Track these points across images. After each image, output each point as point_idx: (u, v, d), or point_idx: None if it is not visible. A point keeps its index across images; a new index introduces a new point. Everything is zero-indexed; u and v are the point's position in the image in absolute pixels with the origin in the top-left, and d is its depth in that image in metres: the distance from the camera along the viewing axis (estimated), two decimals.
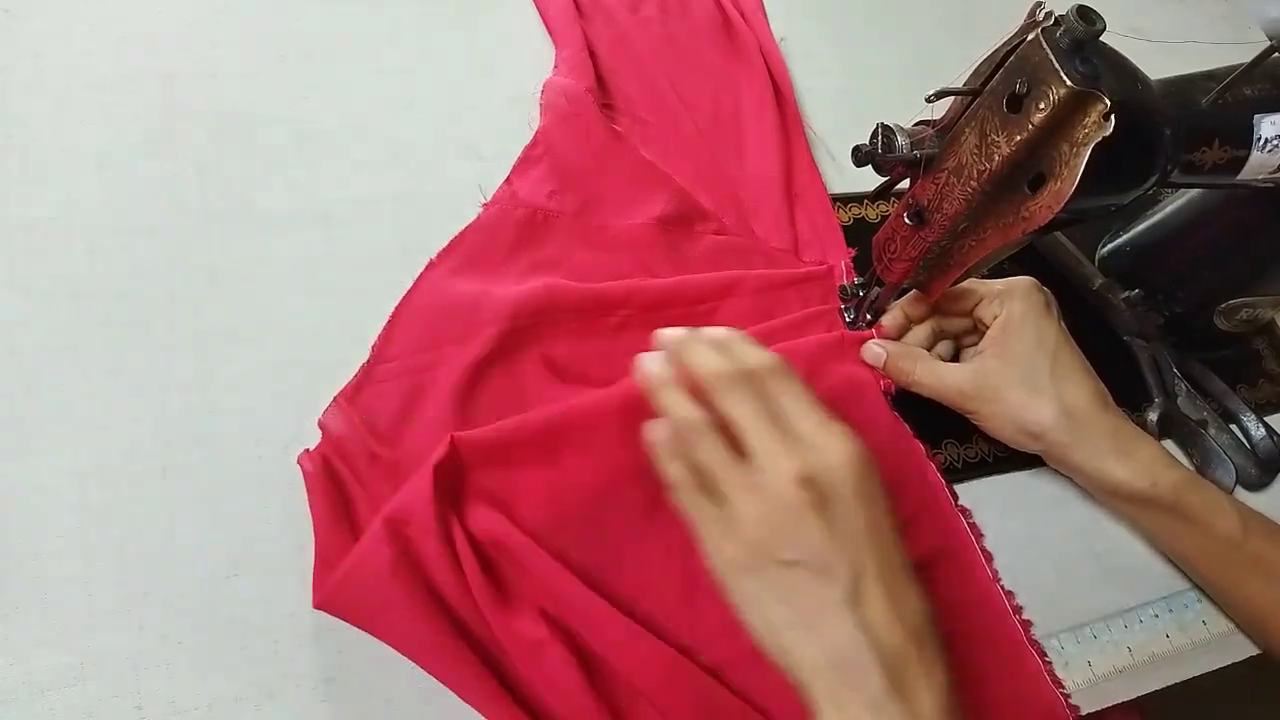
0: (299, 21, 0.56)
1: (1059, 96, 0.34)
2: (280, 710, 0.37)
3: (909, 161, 0.41)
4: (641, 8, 0.64)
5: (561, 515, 0.41)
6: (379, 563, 0.37)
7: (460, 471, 0.40)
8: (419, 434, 0.42)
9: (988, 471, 0.50)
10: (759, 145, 0.59)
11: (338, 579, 0.37)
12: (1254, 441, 0.55)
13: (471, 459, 0.40)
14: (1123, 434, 0.46)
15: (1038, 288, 0.48)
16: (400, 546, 0.37)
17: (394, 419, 0.43)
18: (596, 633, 0.38)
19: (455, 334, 0.45)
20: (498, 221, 0.50)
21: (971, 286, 0.49)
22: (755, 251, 0.54)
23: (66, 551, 0.38)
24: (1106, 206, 0.41)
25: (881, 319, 0.50)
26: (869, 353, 0.49)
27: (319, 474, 0.40)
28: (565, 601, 0.39)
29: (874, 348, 0.49)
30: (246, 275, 0.46)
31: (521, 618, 0.38)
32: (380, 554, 0.37)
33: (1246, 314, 0.55)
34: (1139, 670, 0.46)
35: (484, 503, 0.40)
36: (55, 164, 0.47)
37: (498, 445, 0.41)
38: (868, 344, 0.49)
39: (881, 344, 0.49)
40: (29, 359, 0.41)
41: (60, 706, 0.35)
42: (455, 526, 0.38)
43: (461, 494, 0.40)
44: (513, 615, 0.38)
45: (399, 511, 0.38)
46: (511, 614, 0.38)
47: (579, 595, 0.39)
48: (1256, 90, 0.42)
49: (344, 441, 0.42)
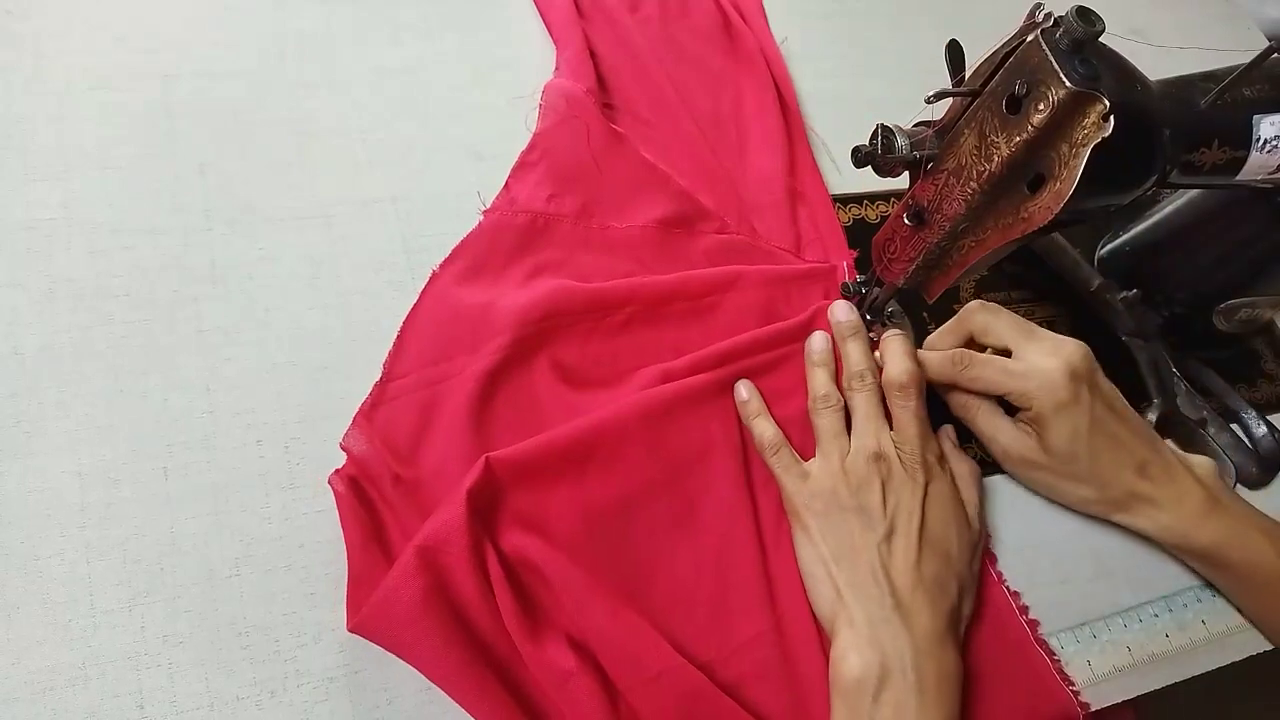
0: (299, 21, 0.56)
1: (1058, 97, 0.34)
2: (281, 709, 0.37)
3: (909, 162, 0.41)
4: (641, 7, 0.64)
5: (592, 530, 0.42)
6: (411, 593, 0.37)
7: (494, 493, 0.41)
8: (436, 448, 0.43)
9: (988, 471, 0.50)
10: (760, 145, 0.59)
11: (371, 607, 0.37)
12: (1255, 439, 0.55)
13: (505, 479, 0.41)
14: (1161, 498, 0.46)
15: (1065, 375, 0.44)
16: (432, 576, 0.37)
17: (411, 435, 0.43)
18: (620, 668, 0.38)
19: (465, 344, 0.45)
20: (498, 228, 0.50)
21: (998, 375, 0.46)
22: (757, 251, 0.54)
23: (67, 551, 0.38)
24: (1106, 207, 0.41)
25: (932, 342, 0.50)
26: (938, 357, 0.48)
27: (349, 495, 0.40)
28: (595, 629, 0.39)
29: (948, 353, 0.48)
30: (246, 275, 0.46)
31: (551, 646, 0.38)
32: (412, 584, 0.37)
33: (1246, 314, 0.55)
34: (1138, 670, 0.46)
35: (518, 522, 0.41)
36: (55, 164, 0.47)
37: (528, 463, 0.41)
38: (954, 351, 0.48)
39: (965, 353, 0.47)
40: (30, 359, 0.42)
41: (61, 706, 0.35)
42: (489, 552, 0.39)
43: (495, 515, 0.41)
44: (543, 644, 0.38)
45: (432, 538, 0.38)
46: (542, 643, 0.38)
47: (609, 623, 0.39)
48: (1255, 91, 0.42)
49: (368, 463, 0.42)
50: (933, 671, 0.39)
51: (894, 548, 0.42)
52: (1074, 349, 0.46)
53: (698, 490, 0.44)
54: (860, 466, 0.44)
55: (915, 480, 0.43)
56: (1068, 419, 0.45)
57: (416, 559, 0.37)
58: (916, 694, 0.38)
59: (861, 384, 0.46)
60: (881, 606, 0.40)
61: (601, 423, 0.43)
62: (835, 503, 0.43)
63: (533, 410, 0.45)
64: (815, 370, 0.48)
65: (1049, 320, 0.58)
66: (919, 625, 0.40)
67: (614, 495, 0.42)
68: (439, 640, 0.36)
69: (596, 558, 0.41)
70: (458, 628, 0.37)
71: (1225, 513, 0.46)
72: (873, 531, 0.42)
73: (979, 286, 0.58)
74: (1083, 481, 0.47)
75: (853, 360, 0.47)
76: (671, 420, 0.45)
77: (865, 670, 0.38)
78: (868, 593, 0.40)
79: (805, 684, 0.41)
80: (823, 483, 0.44)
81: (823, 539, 0.42)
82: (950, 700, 0.39)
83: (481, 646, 0.38)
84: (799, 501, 0.44)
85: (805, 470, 0.45)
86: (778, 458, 0.45)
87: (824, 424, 0.46)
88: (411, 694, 0.38)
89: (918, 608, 0.40)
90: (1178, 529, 0.46)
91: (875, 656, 0.38)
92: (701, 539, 0.43)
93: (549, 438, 0.42)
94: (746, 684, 0.40)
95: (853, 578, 0.41)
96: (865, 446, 0.44)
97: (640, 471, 0.43)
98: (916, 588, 0.41)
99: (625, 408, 0.44)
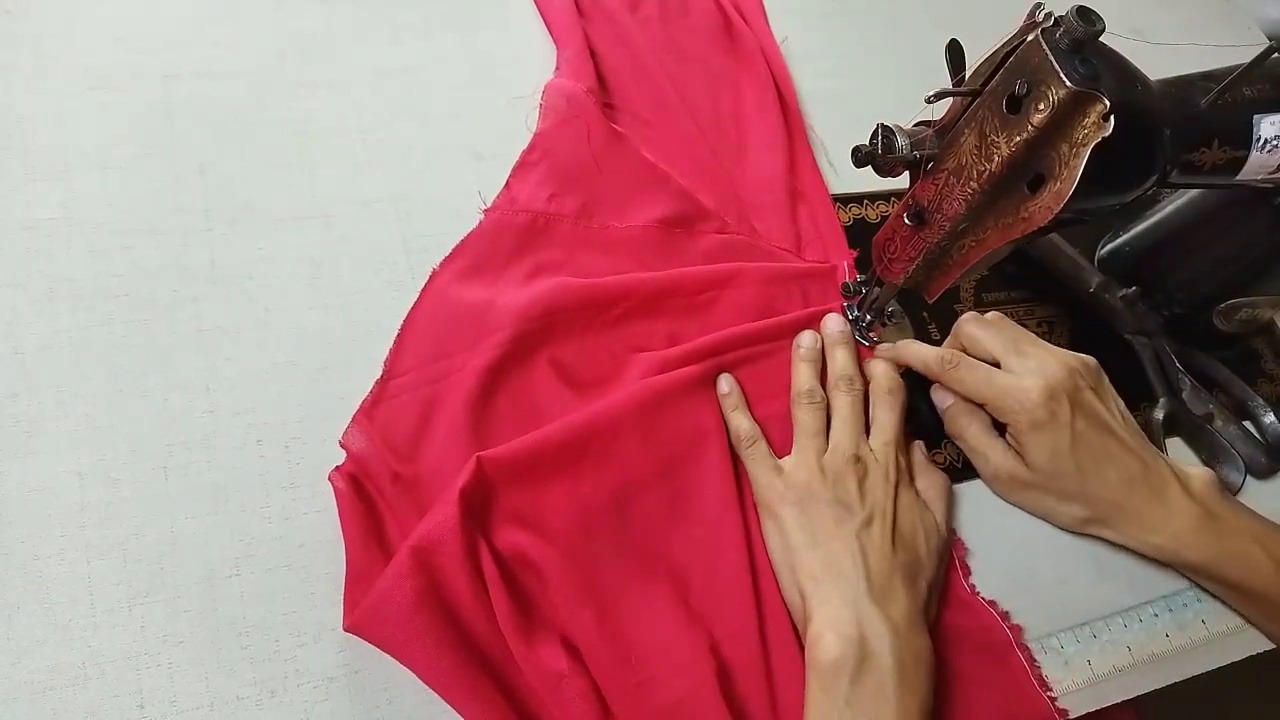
0: (299, 21, 0.56)
1: (1058, 97, 0.34)
2: (282, 709, 0.37)
3: (909, 162, 0.41)
4: (641, 7, 0.64)
5: (589, 524, 0.42)
6: (405, 594, 0.37)
7: (487, 491, 0.41)
8: (436, 446, 0.43)
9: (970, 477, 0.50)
10: (760, 144, 0.59)
11: (365, 608, 0.37)
12: (1263, 428, 0.55)
13: (497, 477, 0.41)
14: (1151, 516, 0.46)
15: (1043, 394, 0.45)
16: (426, 577, 0.37)
17: (411, 433, 0.43)
18: (606, 672, 0.39)
19: (465, 341, 0.45)
20: (499, 228, 0.50)
21: (981, 382, 0.47)
22: (757, 250, 0.54)
23: (67, 551, 0.38)
24: (1106, 207, 0.41)
25: None
26: (930, 352, 0.48)
27: (349, 493, 0.40)
28: (584, 631, 0.39)
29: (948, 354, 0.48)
30: (246, 275, 0.46)
31: (544, 648, 0.38)
32: (406, 585, 0.37)
33: (1246, 314, 0.55)
34: (1138, 669, 0.46)
35: (512, 520, 0.41)
36: (55, 164, 0.47)
37: (522, 461, 0.41)
38: (946, 350, 0.48)
39: (957, 354, 0.48)
40: (30, 359, 0.42)
41: (61, 706, 0.35)
42: (483, 552, 0.39)
43: (489, 514, 0.41)
44: (536, 646, 0.38)
45: (426, 539, 0.38)
46: (535, 644, 0.38)
47: (597, 627, 0.39)
48: (1256, 91, 0.42)
49: (367, 461, 0.42)
50: (910, 655, 0.39)
51: (872, 534, 0.42)
52: (1058, 367, 0.46)
53: (689, 481, 0.44)
54: (838, 464, 0.44)
55: (888, 480, 0.45)
56: (1046, 437, 0.45)
57: (410, 560, 0.37)
58: (896, 677, 0.38)
59: (849, 387, 0.47)
60: (858, 590, 0.40)
61: (594, 417, 0.43)
62: (810, 495, 0.43)
63: (531, 406, 0.45)
64: (800, 365, 0.49)
65: (1049, 320, 0.58)
66: (897, 609, 0.40)
67: (608, 488, 0.43)
68: (431, 641, 0.37)
69: (592, 552, 0.41)
70: (451, 629, 0.37)
71: (1220, 528, 0.45)
72: (851, 520, 0.42)
73: (979, 286, 0.58)
74: (1071, 499, 0.47)
75: (840, 364, 0.48)
76: (663, 412, 0.45)
77: (844, 651, 0.38)
78: (845, 576, 0.41)
79: (780, 679, 0.41)
80: (798, 476, 0.44)
81: (797, 528, 0.43)
82: (925, 685, 0.39)
83: (475, 648, 0.38)
84: (772, 494, 0.44)
85: (779, 465, 0.45)
86: (753, 450, 0.45)
87: (805, 419, 0.46)
88: (411, 694, 0.38)
89: (895, 593, 0.41)
90: (1168, 548, 0.46)
91: (854, 636, 0.38)
92: (692, 530, 0.43)
93: (542, 434, 0.42)
94: (730, 676, 0.40)
95: (829, 562, 0.41)
96: (844, 447, 0.45)
97: (633, 463, 0.43)
98: (894, 573, 0.41)
99: (618, 401, 0.44)
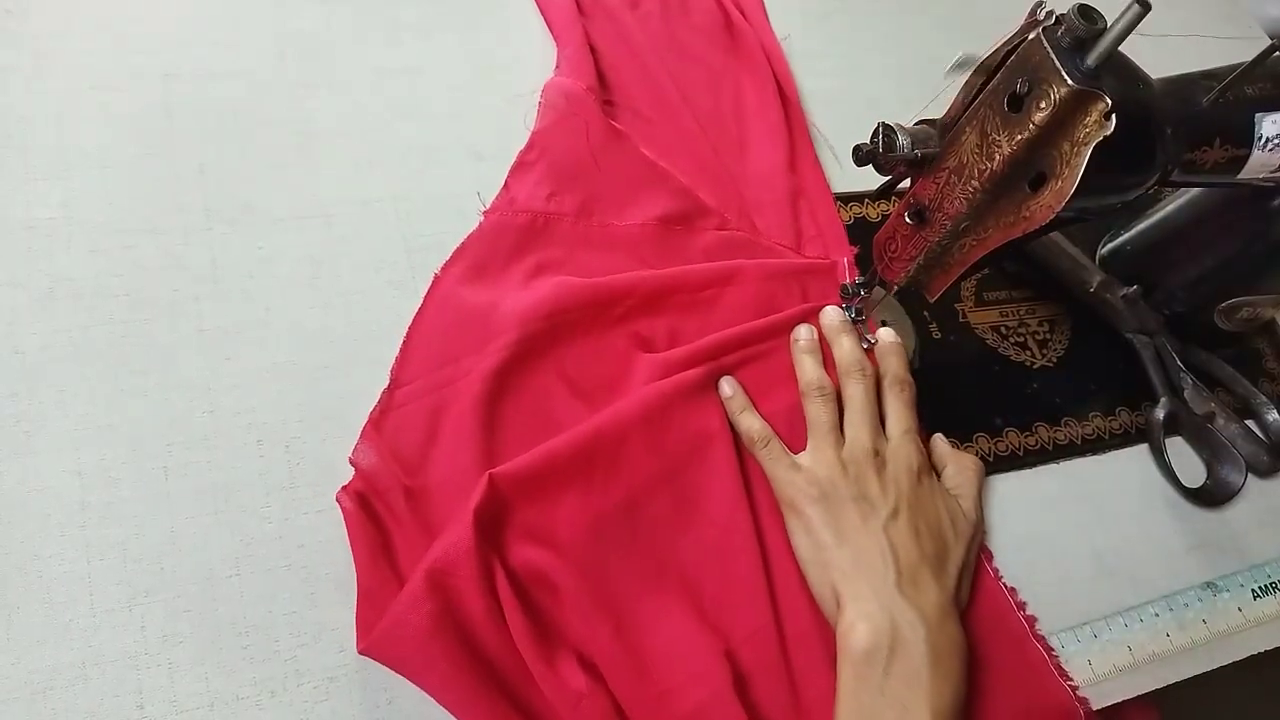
0: (299, 21, 0.56)
1: (1060, 96, 0.34)
2: (282, 709, 0.37)
3: (910, 161, 0.41)
4: (641, 4, 0.64)
5: (600, 534, 0.42)
6: (420, 618, 0.36)
7: (499, 509, 0.41)
8: (445, 455, 0.42)
9: (988, 471, 0.50)
10: (761, 142, 0.59)
11: (381, 632, 0.37)
12: (1266, 425, 0.55)
13: (509, 494, 0.41)
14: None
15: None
16: (442, 600, 0.37)
17: (420, 442, 0.43)
18: (626, 685, 0.39)
19: (470, 346, 0.45)
20: (499, 228, 0.50)
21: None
22: (758, 247, 0.54)
23: (67, 551, 0.38)
24: (1107, 206, 0.41)
25: None
26: None
27: (357, 512, 0.40)
28: (602, 644, 0.39)
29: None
30: (246, 275, 0.46)
31: (563, 666, 0.38)
32: (421, 610, 0.37)
33: (1246, 314, 0.55)
34: (1139, 669, 0.46)
35: (525, 536, 0.41)
36: (55, 164, 0.47)
37: (532, 476, 0.41)
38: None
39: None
40: (30, 358, 0.41)
41: (61, 706, 0.35)
42: (499, 572, 0.38)
43: (502, 532, 0.40)
44: (555, 665, 0.38)
45: (441, 561, 0.38)
46: (554, 664, 0.38)
47: (615, 639, 0.39)
48: (1257, 89, 0.42)
49: (376, 477, 0.42)
50: (944, 644, 0.39)
51: (899, 527, 0.42)
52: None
53: (697, 485, 0.44)
54: (858, 459, 0.44)
55: (910, 471, 0.45)
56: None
57: (426, 583, 0.37)
58: (930, 665, 0.38)
59: (861, 375, 0.47)
60: (889, 582, 0.40)
61: (601, 426, 0.43)
62: (834, 491, 0.43)
63: (538, 410, 0.45)
64: (803, 357, 0.48)
65: (1050, 319, 0.58)
66: (928, 599, 0.40)
67: (618, 496, 0.42)
68: (449, 665, 0.36)
69: (605, 562, 0.41)
70: (468, 652, 0.37)
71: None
72: (876, 515, 0.42)
73: (980, 285, 0.58)
74: None
75: (847, 351, 0.48)
76: (668, 417, 0.45)
77: (877, 639, 0.38)
78: (875, 569, 0.41)
79: (803, 677, 0.41)
80: (819, 472, 0.44)
81: (823, 526, 0.43)
82: (959, 673, 0.39)
83: (492, 670, 0.37)
84: (794, 491, 0.44)
85: (797, 462, 0.45)
86: (768, 450, 0.45)
87: (818, 413, 0.46)
88: (412, 694, 0.38)
89: (925, 583, 0.41)
90: None
91: (887, 626, 0.39)
92: (703, 532, 0.43)
93: (550, 447, 0.42)
94: (750, 678, 0.40)
95: (858, 557, 0.41)
96: (863, 441, 0.45)
97: (641, 469, 0.43)
98: (921, 563, 0.41)
99: (623, 409, 0.44)
